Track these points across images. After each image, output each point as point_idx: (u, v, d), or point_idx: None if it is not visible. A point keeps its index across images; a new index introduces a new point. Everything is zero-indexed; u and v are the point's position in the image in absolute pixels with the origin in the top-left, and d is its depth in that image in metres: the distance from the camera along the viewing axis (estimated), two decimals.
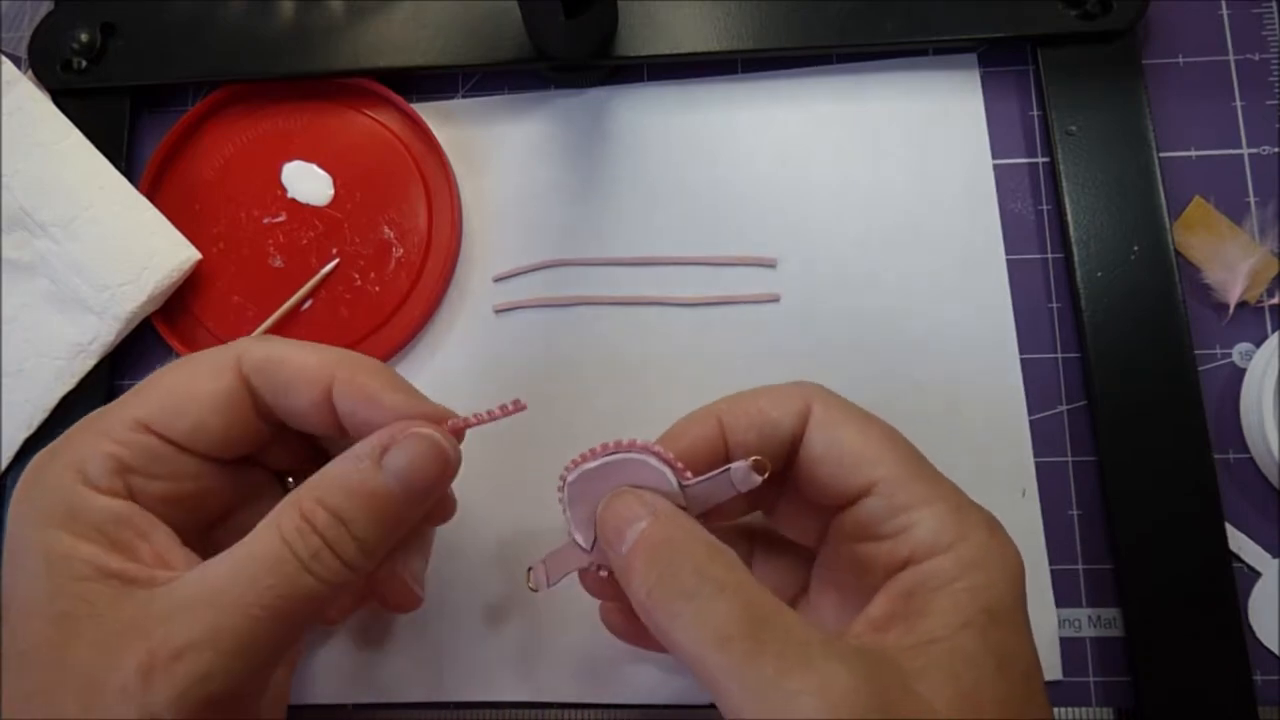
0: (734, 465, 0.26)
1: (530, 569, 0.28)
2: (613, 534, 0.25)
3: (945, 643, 0.22)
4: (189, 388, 0.27)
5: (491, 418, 0.27)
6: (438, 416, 0.28)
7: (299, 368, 0.28)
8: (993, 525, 0.25)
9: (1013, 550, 0.25)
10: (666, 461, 0.26)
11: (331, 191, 0.40)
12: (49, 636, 0.24)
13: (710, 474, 0.26)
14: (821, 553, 0.29)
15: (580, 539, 0.27)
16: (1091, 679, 0.34)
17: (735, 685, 0.21)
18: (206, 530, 0.29)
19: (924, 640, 0.23)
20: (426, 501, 0.27)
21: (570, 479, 0.27)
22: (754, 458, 0.26)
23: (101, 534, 0.25)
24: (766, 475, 0.26)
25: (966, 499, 0.26)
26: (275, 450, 0.30)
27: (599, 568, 0.28)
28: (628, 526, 0.25)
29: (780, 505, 0.30)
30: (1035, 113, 0.39)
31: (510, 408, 0.27)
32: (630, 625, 0.30)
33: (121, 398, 0.28)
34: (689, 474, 0.26)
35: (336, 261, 0.39)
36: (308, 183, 0.40)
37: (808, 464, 0.27)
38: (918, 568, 0.24)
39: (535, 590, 0.28)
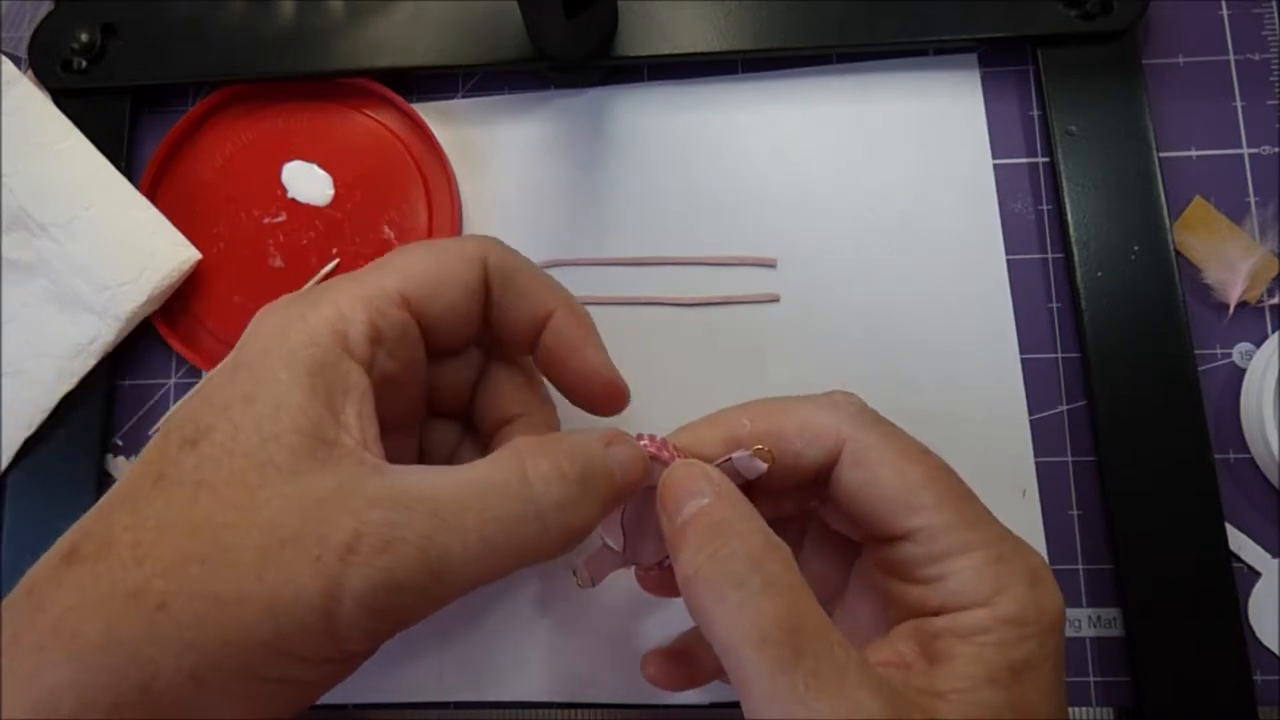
0: (736, 455, 0.26)
1: (575, 570, 0.28)
2: (670, 502, 0.24)
3: (969, 694, 0.22)
4: (442, 270, 0.26)
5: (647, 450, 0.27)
6: (619, 389, 0.29)
7: (531, 282, 0.28)
8: (1036, 575, 0.23)
9: (1053, 602, 0.23)
10: (674, 454, 0.26)
11: (331, 191, 0.40)
12: (244, 478, 0.22)
13: (714, 464, 0.26)
14: (858, 563, 0.28)
15: (611, 542, 0.28)
16: (1091, 679, 0.34)
17: (763, 689, 0.21)
18: None
19: (945, 689, 0.22)
20: (620, 500, 0.26)
21: None
22: (756, 447, 0.26)
23: (333, 399, 0.23)
24: (771, 464, 0.26)
25: (1012, 543, 0.24)
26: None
27: (634, 565, 0.28)
28: (689, 499, 0.24)
29: (824, 504, 0.29)
30: (1035, 113, 0.39)
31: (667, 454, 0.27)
32: (663, 581, 0.29)
33: (369, 269, 0.26)
34: None
35: (337, 262, 0.39)
36: (308, 183, 0.40)
37: (840, 496, 0.26)
38: (949, 616, 0.23)
39: (584, 588, 0.29)
